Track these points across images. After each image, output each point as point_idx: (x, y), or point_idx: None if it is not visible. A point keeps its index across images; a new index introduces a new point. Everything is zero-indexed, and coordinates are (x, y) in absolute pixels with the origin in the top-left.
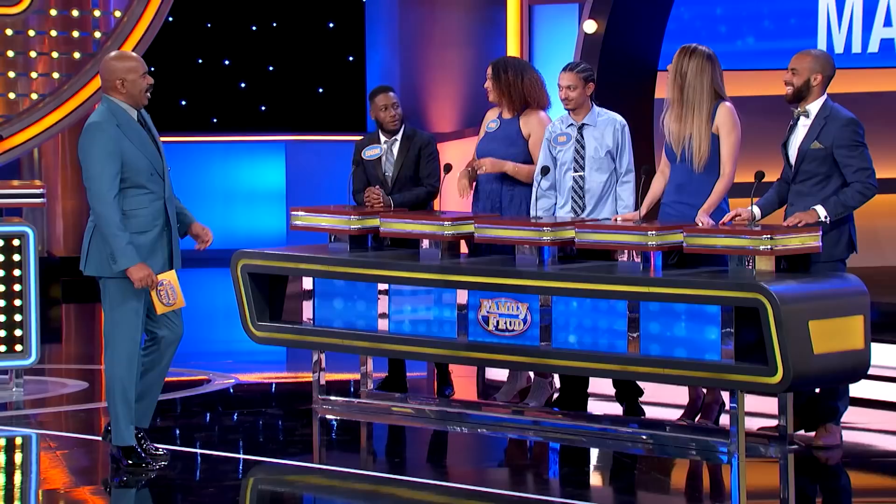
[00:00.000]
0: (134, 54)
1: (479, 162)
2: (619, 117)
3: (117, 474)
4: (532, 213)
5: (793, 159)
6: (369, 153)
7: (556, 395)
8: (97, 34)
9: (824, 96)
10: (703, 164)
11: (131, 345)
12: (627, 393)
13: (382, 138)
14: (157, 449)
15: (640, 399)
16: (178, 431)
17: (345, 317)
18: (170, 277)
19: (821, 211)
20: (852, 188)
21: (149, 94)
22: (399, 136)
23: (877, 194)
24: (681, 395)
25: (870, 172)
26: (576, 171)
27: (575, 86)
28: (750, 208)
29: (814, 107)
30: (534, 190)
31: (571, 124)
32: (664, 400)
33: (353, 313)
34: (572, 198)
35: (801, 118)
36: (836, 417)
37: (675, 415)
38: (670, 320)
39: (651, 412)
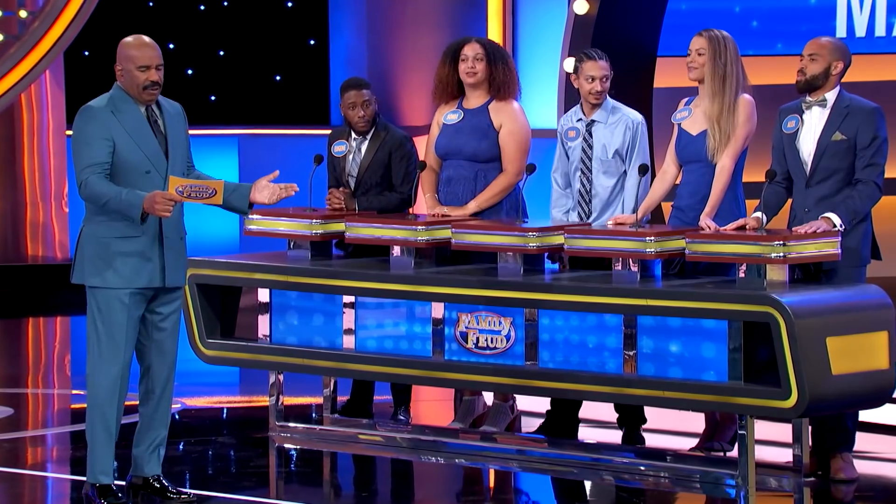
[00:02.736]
0: (146, 42)
1: (438, 209)
2: (635, 114)
3: None
4: (552, 216)
5: (806, 156)
6: (336, 149)
7: (520, 422)
8: (22, 13)
9: (839, 86)
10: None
11: (115, 365)
12: (630, 419)
13: (352, 134)
14: (180, 494)
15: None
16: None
17: (305, 333)
18: (177, 182)
19: (836, 219)
20: (860, 193)
21: (151, 92)
22: (369, 135)
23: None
24: (684, 420)
25: (880, 171)
26: (583, 172)
27: (607, 76)
28: (758, 215)
29: (831, 96)
30: (552, 191)
31: (581, 119)
32: (666, 426)
33: (314, 329)
34: (578, 202)
35: (815, 108)
36: (850, 445)
37: (677, 442)
38: (671, 337)
39: (652, 440)
